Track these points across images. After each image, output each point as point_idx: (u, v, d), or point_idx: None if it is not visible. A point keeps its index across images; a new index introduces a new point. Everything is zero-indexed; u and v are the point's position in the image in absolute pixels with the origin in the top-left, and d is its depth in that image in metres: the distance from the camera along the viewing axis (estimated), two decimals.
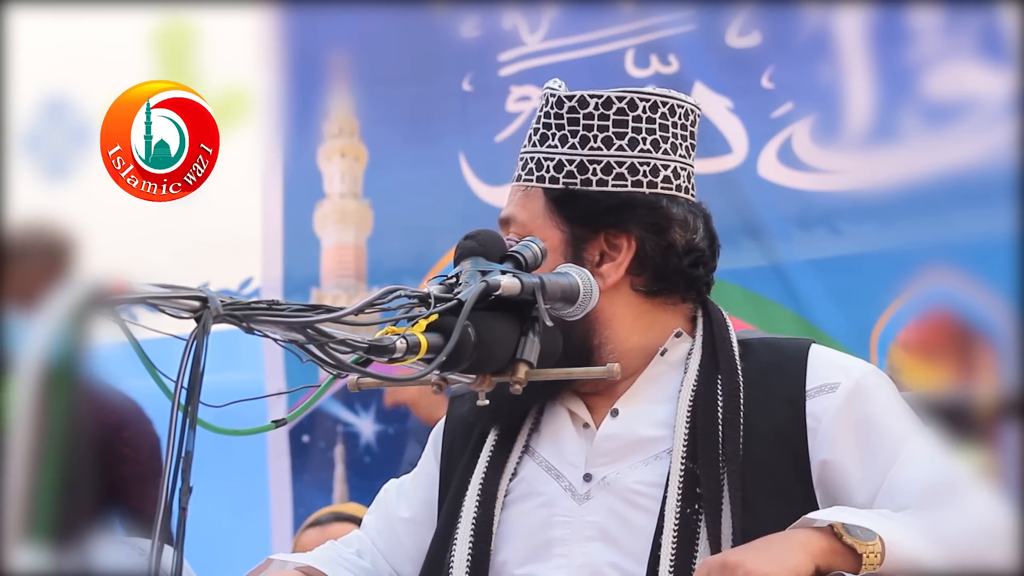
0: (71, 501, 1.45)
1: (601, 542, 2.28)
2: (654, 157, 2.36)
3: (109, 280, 1.57)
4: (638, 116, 2.37)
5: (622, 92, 2.38)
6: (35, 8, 4.82)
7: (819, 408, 2.27)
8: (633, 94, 2.38)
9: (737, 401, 2.29)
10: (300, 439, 5.05)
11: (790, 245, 4.28)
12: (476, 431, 2.43)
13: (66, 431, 1.45)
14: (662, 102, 2.39)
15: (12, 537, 1.42)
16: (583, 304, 2.15)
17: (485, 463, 2.38)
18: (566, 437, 2.37)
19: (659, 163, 2.36)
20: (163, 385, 1.71)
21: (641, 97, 2.38)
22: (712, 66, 4.46)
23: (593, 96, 2.37)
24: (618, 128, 2.36)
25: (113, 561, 1.70)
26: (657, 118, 2.38)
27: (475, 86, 4.90)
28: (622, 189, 2.34)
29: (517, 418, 2.40)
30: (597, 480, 2.32)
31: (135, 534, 3.13)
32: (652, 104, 2.37)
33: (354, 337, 1.89)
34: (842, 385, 2.28)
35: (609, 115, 2.36)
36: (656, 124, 2.37)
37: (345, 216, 5.16)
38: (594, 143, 2.35)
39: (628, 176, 2.34)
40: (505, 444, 2.38)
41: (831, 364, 2.33)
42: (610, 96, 2.37)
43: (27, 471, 1.43)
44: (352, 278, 5.14)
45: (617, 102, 2.36)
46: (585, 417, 2.36)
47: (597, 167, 2.35)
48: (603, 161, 2.35)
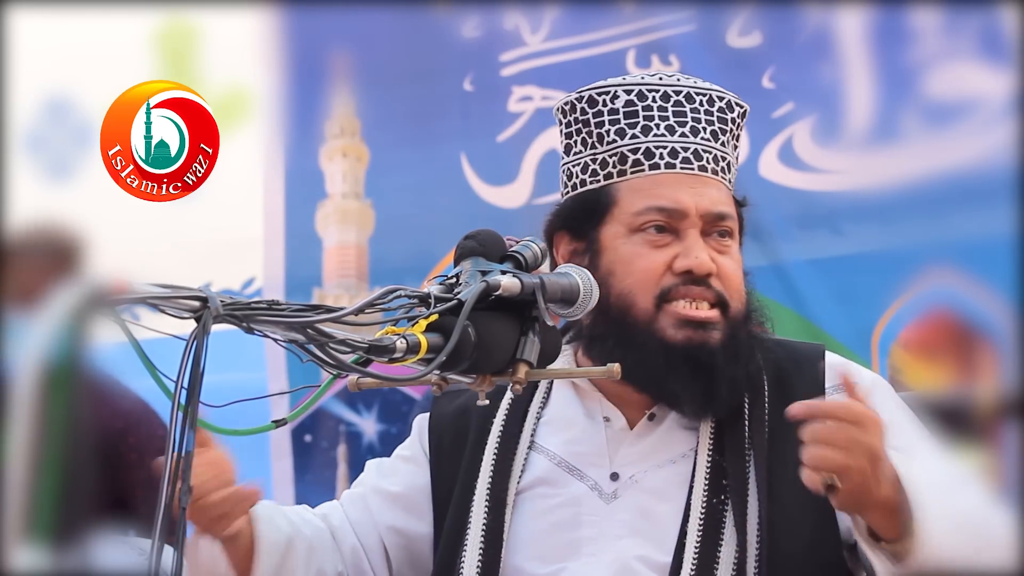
0: (71, 501, 1.46)
1: (630, 538, 2.29)
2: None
3: (109, 280, 1.58)
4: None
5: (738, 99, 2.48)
6: (36, 8, 4.82)
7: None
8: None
9: (762, 395, 2.31)
10: (303, 439, 5.05)
11: (791, 245, 4.28)
12: (473, 427, 2.42)
13: (66, 431, 1.45)
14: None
15: (12, 537, 1.43)
16: (583, 304, 2.16)
17: (491, 464, 2.37)
18: (580, 433, 2.37)
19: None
20: (163, 385, 1.71)
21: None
22: (712, 66, 4.45)
23: (738, 104, 2.46)
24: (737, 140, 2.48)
25: (113, 561, 1.70)
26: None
27: (476, 86, 4.90)
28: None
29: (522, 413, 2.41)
30: (625, 479, 2.33)
31: (141, 538, 3.13)
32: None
33: (354, 337, 1.89)
34: (858, 385, 2.31)
35: (740, 123, 2.47)
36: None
37: (347, 216, 5.16)
38: (735, 151, 2.45)
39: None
40: (509, 442, 2.38)
41: (845, 367, 2.37)
42: (745, 109, 2.48)
43: (27, 471, 1.44)
44: (354, 278, 5.14)
45: (736, 108, 2.47)
46: (609, 410, 2.36)
47: (734, 171, 2.45)
48: (732, 166, 2.44)
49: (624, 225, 2.36)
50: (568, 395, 2.41)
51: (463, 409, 2.44)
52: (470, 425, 2.43)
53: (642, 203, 2.34)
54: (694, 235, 2.33)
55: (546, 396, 2.44)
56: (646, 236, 2.34)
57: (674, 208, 2.33)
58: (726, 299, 2.33)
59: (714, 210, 2.34)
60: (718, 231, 2.35)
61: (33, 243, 3.67)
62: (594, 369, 2.18)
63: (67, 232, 3.65)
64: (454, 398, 2.45)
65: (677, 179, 2.34)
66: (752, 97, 4.49)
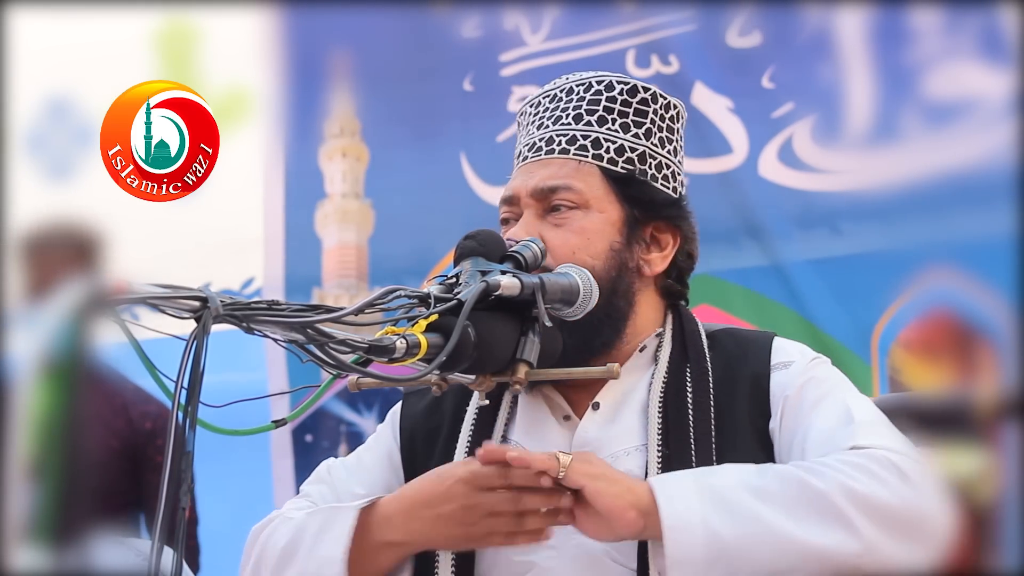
0: (72, 502, 1.46)
1: None
2: (679, 167, 2.48)
3: (110, 280, 1.58)
4: (681, 126, 2.48)
5: (676, 100, 2.47)
6: (36, 8, 4.82)
7: (779, 381, 2.34)
8: (679, 104, 2.48)
9: (706, 385, 2.34)
10: (303, 439, 5.06)
11: (791, 245, 4.28)
12: (445, 425, 2.43)
13: (67, 431, 1.45)
14: (682, 112, 2.50)
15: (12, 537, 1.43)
16: (583, 304, 2.16)
17: (464, 456, 2.37)
18: (548, 429, 2.38)
19: (680, 172, 2.48)
20: (163, 385, 1.72)
21: (681, 106, 2.49)
22: (712, 66, 4.46)
23: (661, 96, 2.44)
24: (669, 133, 2.45)
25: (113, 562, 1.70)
26: (678, 127, 2.49)
27: (476, 86, 4.91)
28: (666, 189, 2.42)
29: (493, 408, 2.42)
30: None
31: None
32: (680, 113, 2.49)
33: (354, 337, 1.89)
34: (796, 362, 2.36)
35: (666, 118, 2.44)
36: (678, 134, 2.49)
37: (346, 216, 5.16)
38: (654, 139, 2.42)
39: (671, 180, 2.44)
40: (482, 436, 2.38)
41: (792, 347, 2.41)
42: (671, 101, 2.46)
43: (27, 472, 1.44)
44: (353, 278, 5.14)
45: (672, 109, 2.46)
46: (566, 409, 2.37)
47: (653, 162, 2.42)
48: (658, 158, 2.42)
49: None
50: (534, 393, 2.42)
51: (434, 406, 2.45)
52: (443, 421, 2.44)
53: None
54: (525, 216, 2.37)
55: (515, 395, 2.45)
56: (501, 227, 2.41)
57: (509, 195, 2.40)
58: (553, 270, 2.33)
59: (541, 186, 2.37)
60: (552, 205, 2.36)
61: (52, 238, 3.69)
62: (593, 369, 2.17)
63: (86, 228, 3.67)
64: (425, 397, 2.46)
65: (526, 168, 2.42)
66: (752, 97, 4.53)
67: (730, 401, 2.33)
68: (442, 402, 2.44)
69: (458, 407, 2.44)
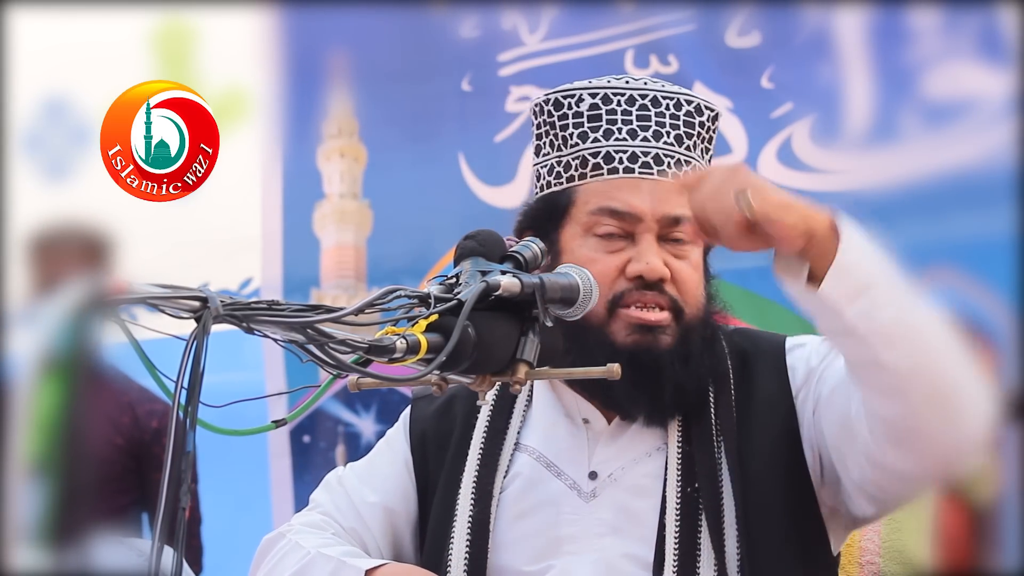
0: (73, 501, 1.45)
1: (612, 536, 2.30)
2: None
3: (109, 280, 1.57)
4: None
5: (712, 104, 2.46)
6: (35, 8, 4.82)
7: (796, 357, 2.38)
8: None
9: (728, 383, 2.32)
10: (301, 439, 5.05)
11: None
12: (457, 428, 2.43)
13: (68, 430, 1.45)
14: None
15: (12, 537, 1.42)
16: (583, 304, 2.16)
17: (477, 459, 2.38)
18: (562, 433, 2.38)
19: None
20: (163, 385, 1.71)
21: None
22: (712, 66, 4.45)
23: (708, 108, 2.42)
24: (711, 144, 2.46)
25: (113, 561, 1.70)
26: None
27: (474, 86, 4.90)
28: None
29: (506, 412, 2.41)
30: (603, 477, 2.33)
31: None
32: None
33: (354, 337, 1.89)
34: (811, 342, 2.41)
35: (711, 127, 2.44)
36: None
37: (344, 216, 5.15)
38: (705, 155, 2.41)
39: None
40: (495, 439, 2.38)
41: (804, 336, 2.44)
42: (717, 112, 2.45)
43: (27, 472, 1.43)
44: (352, 278, 5.14)
45: (717, 120, 2.46)
46: (585, 412, 2.37)
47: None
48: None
49: (580, 225, 2.36)
50: (550, 396, 2.42)
51: (444, 410, 2.45)
52: (454, 425, 2.44)
53: (596, 203, 2.34)
54: (648, 240, 2.32)
55: (529, 397, 2.45)
56: (601, 240, 2.34)
57: (627, 212, 2.33)
58: (680, 304, 2.33)
59: (671, 214, 2.33)
60: (675, 236, 2.34)
61: (62, 237, 3.70)
62: (593, 369, 2.17)
63: (96, 228, 3.67)
64: (433, 398, 2.46)
65: (634, 183, 2.34)
66: (751, 97, 4.52)
67: (751, 391, 2.35)
68: (453, 405, 2.44)
69: (470, 411, 2.43)
